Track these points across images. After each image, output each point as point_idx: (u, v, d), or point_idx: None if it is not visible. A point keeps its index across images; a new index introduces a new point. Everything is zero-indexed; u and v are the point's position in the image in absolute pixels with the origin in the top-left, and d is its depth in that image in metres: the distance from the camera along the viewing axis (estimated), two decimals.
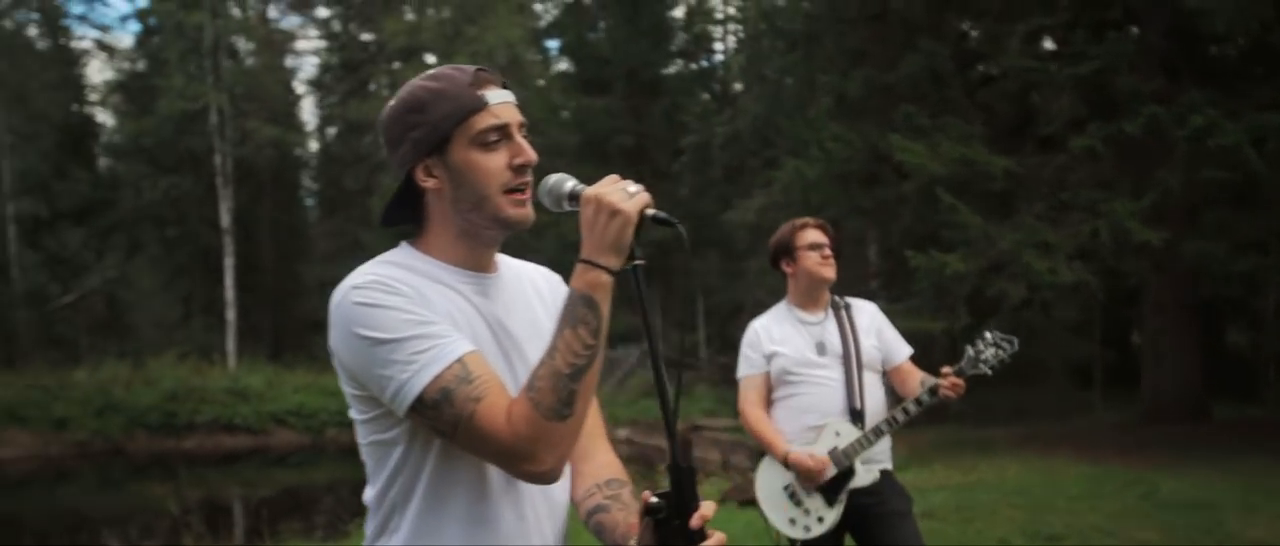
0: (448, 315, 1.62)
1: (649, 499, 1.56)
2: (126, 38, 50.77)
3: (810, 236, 3.91)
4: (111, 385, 23.82)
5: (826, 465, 3.75)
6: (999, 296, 12.27)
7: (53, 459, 21.96)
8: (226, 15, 30.94)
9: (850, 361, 3.89)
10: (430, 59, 31.92)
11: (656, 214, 1.57)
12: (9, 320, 30.03)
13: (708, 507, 1.55)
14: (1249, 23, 11.24)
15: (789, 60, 18.58)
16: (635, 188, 1.57)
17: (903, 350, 4.04)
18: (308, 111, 39.17)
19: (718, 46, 32.80)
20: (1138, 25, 13.16)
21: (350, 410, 1.67)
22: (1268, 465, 9.99)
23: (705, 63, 31.64)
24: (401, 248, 1.73)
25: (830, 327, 3.93)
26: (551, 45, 32.74)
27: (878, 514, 3.80)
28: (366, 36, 34.43)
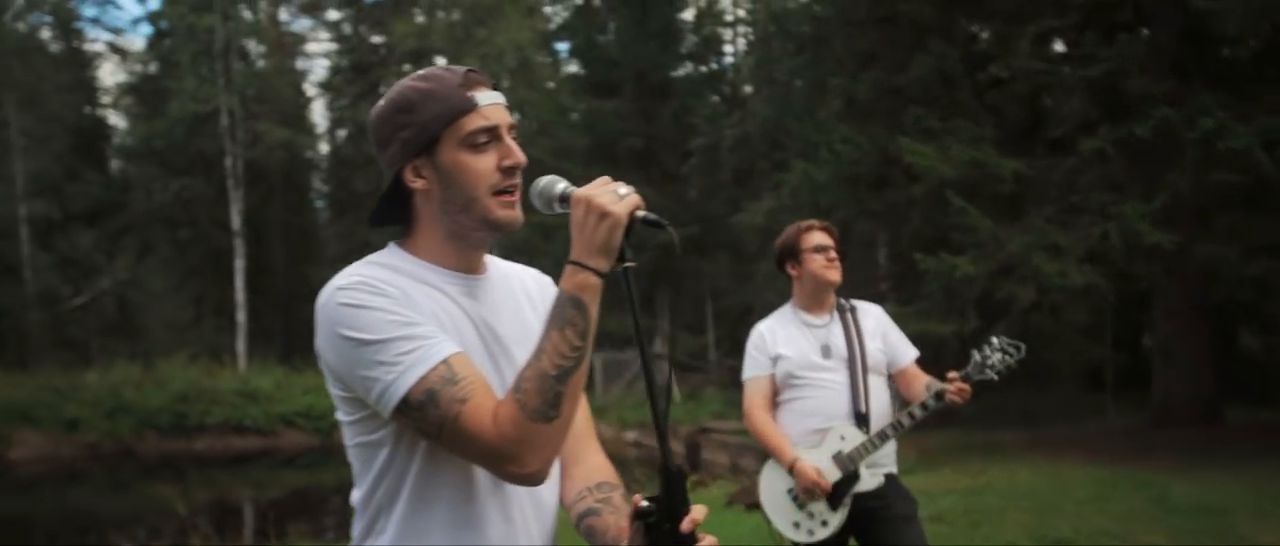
0: (433, 317, 1.61)
1: (639, 502, 1.55)
2: (138, 40, 50.95)
3: (815, 239, 3.89)
4: (122, 386, 23.95)
5: (827, 487, 3.74)
6: (1008, 299, 12.22)
7: (64, 460, 22.08)
8: (238, 18, 31.10)
9: (855, 364, 3.87)
10: (440, 61, 31.99)
11: (647, 216, 1.56)
12: (21, 321, 30.20)
13: (699, 511, 1.54)
14: (1261, 25, 11.18)
15: (798, 62, 18.54)
16: (625, 189, 1.56)
17: (908, 353, 4.02)
18: (318, 114, 39.28)
19: (727, 49, 32.83)
20: (1149, 27, 13.10)
21: (337, 412, 1.67)
22: None
23: (715, 65, 31.62)
24: (389, 249, 1.73)
25: (835, 330, 3.91)
26: (561, 47, 32.78)
27: (883, 517, 3.79)
28: (377, 39, 34.53)
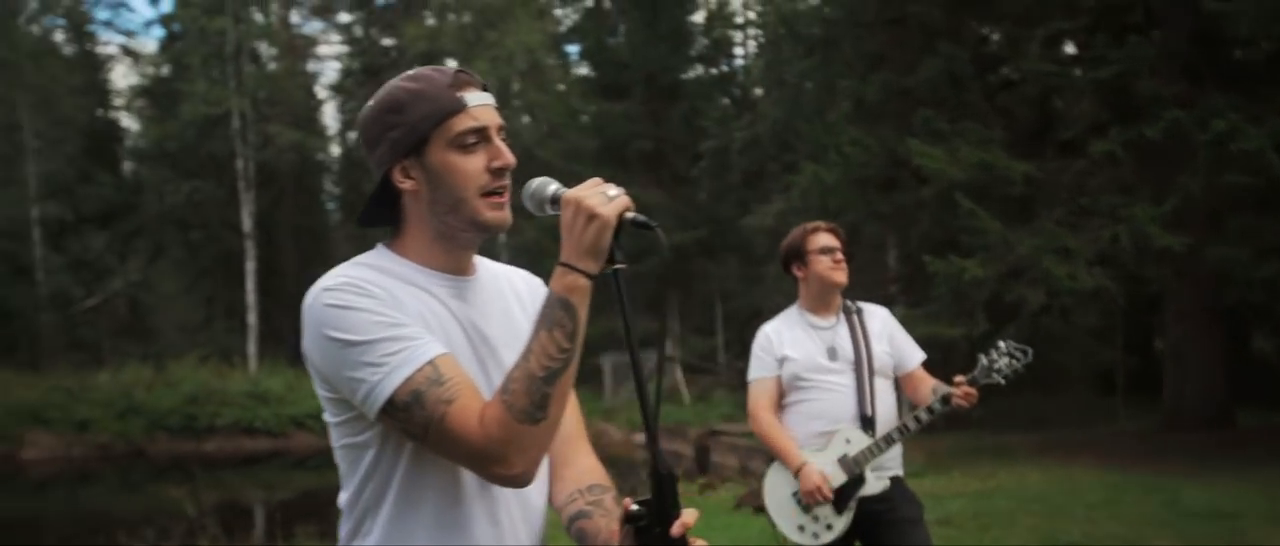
0: (420, 318, 1.60)
1: (630, 506, 1.54)
2: (151, 43, 51.15)
3: (821, 240, 3.87)
4: (133, 388, 24.02)
5: (828, 496, 3.72)
6: (1018, 302, 12.17)
7: (75, 460, 22.15)
8: (249, 21, 31.16)
9: (861, 367, 3.85)
10: (451, 64, 32.01)
11: (636, 217, 1.55)
12: (34, 322, 30.34)
13: (690, 515, 1.53)
14: (1273, 27, 11.12)
15: (807, 65, 18.52)
16: (615, 191, 1.55)
17: (915, 356, 4.00)
18: (329, 116, 39.33)
19: (738, 51, 32.81)
20: (1160, 29, 13.04)
21: (324, 413, 1.66)
22: None
23: (725, 67, 31.60)
24: (377, 250, 1.71)
25: (842, 332, 3.89)
26: (571, 50, 32.81)
27: (889, 520, 3.77)
28: (388, 41, 34.58)
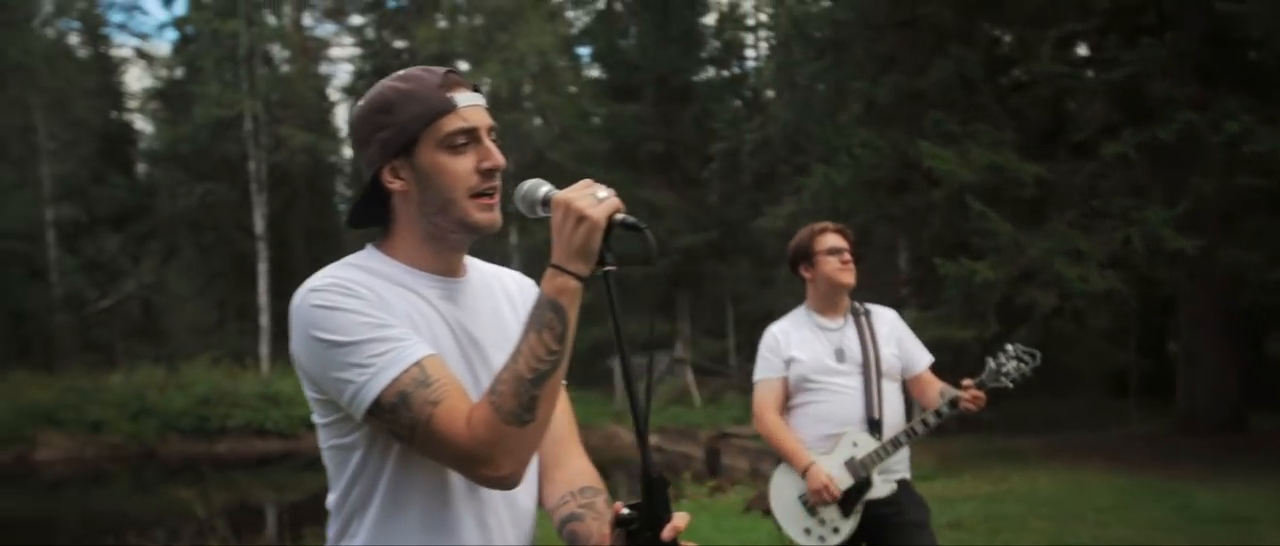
0: (407, 319, 1.59)
1: (620, 510, 1.54)
2: (164, 46, 51.42)
3: (829, 241, 3.86)
4: (146, 389, 24.13)
5: (836, 494, 3.70)
6: (1029, 304, 12.12)
7: (88, 461, 22.27)
8: (262, 23, 31.26)
9: (869, 369, 3.83)
10: (463, 66, 32.12)
11: (626, 219, 1.54)
12: (47, 324, 30.52)
13: (681, 519, 1.53)
14: None
15: (818, 67, 18.49)
16: (605, 192, 1.54)
17: (923, 359, 3.98)
18: (342, 118, 39.44)
19: (749, 53, 32.78)
20: (1172, 30, 12.97)
21: (313, 414, 1.66)
22: None
23: (736, 69, 31.58)
24: (366, 250, 1.71)
25: (850, 334, 3.88)
26: (582, 52, 32.81)
27: (895, 524, 3.76)
28: (399, 44, 34.65)
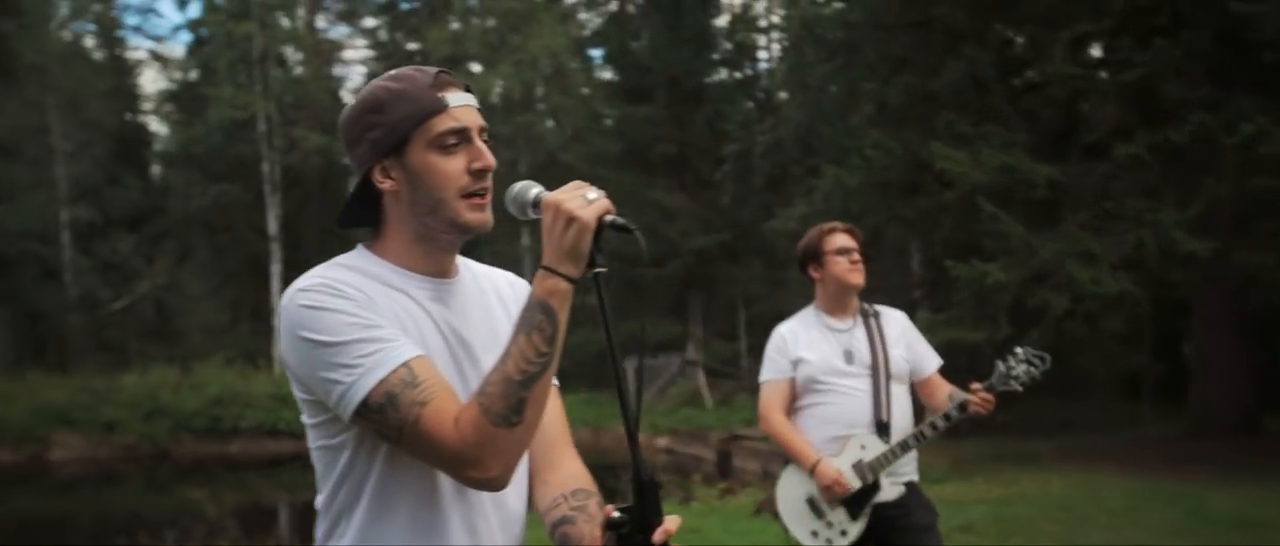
0: (395, 319, 1.59)
1: (611, 513, 1.53)
2: (179, 48, 51.65)
3: (838, 241, 3.85)
4: (159, 389, 24.21)
5: (847, 487, 3.69)
6: (1041, 307, 12.07)
7: (102, 461, 22.37)
8: (275, 25, 31.34)
9: (878, 372, 3.82)
10: (475, 68, 32.14)
11: (616, 220, 1.54)
12: (62, 324, 30.69)
13: (672, 522, 1.52)
14: None
15: (830, 68, 18.46)
16: (595, 194, 1.54)
17: (932, 362, 3.97)
18: None
19: (762, 55, 32.73)
20: (1186, 31, 12.90)
21: (302, 415, 1.66)
22: None
23: (748, 71, 31.54)
24: (357, 251, 1.71)
25: (859, 336, 3.86)
26: (595, 54, 32.81)
27: (903, 526, 3.74)
28: (412, 46, 34.72)
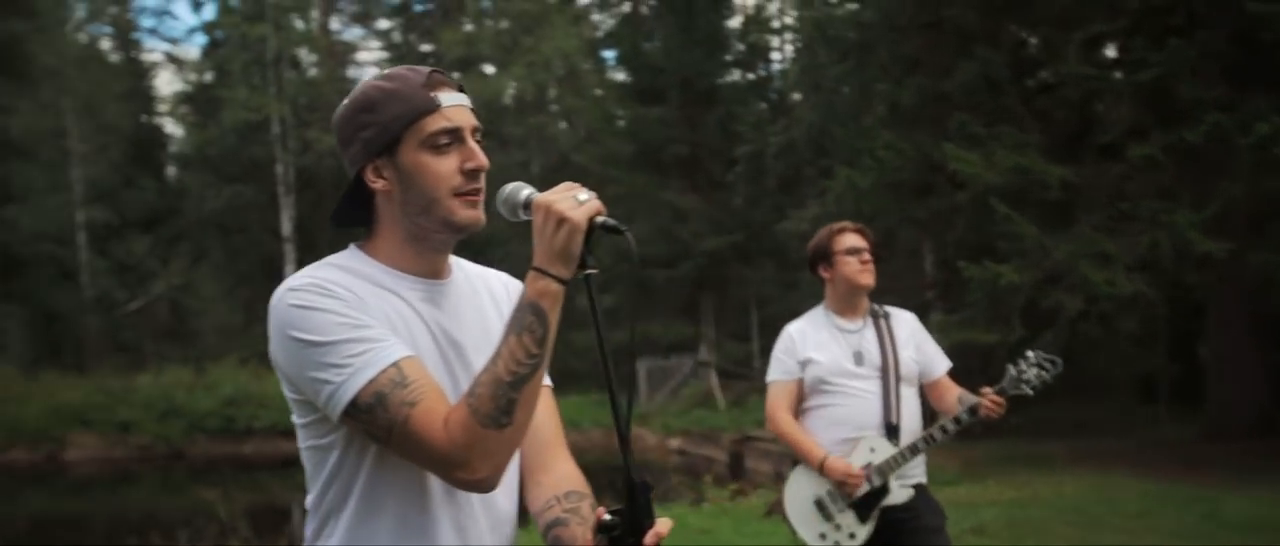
0: (385, 320, 1.58)
1: (602, 515, 1.52)
2: (194, 50, 51.91)
3: (848, 241, 3.82)
4: (174, 389, 24.35)
5: (861, 476, 3.67)
6: (1055, 308, 12.02)
7: (117, 461, 22.51)
8: (289, 27, 31.47)
9: (888, 373, 3.79)
10: (488, 69, 32.22)
11: (607, 221, 1.53)
12: (78, 325, 30.88)
13: (663, 525, 1.51)
14: None
15: (842, 69, 18.42)
16: (586, 195, 1.53)
17: (941, 364, 3.95)
18: None
19: (775, 56, 32.68)
20: (1201, 31, 12.83)
21: (292, 415, 1.65)
22: None
23: (761, 72, 31.50)
24: (349, 250, 1.70)
25: (869, 337, 3.84)
26: (607, 55, 32.84)
27: (912, 528, 3.72)
28: (426, 47, 34.81)
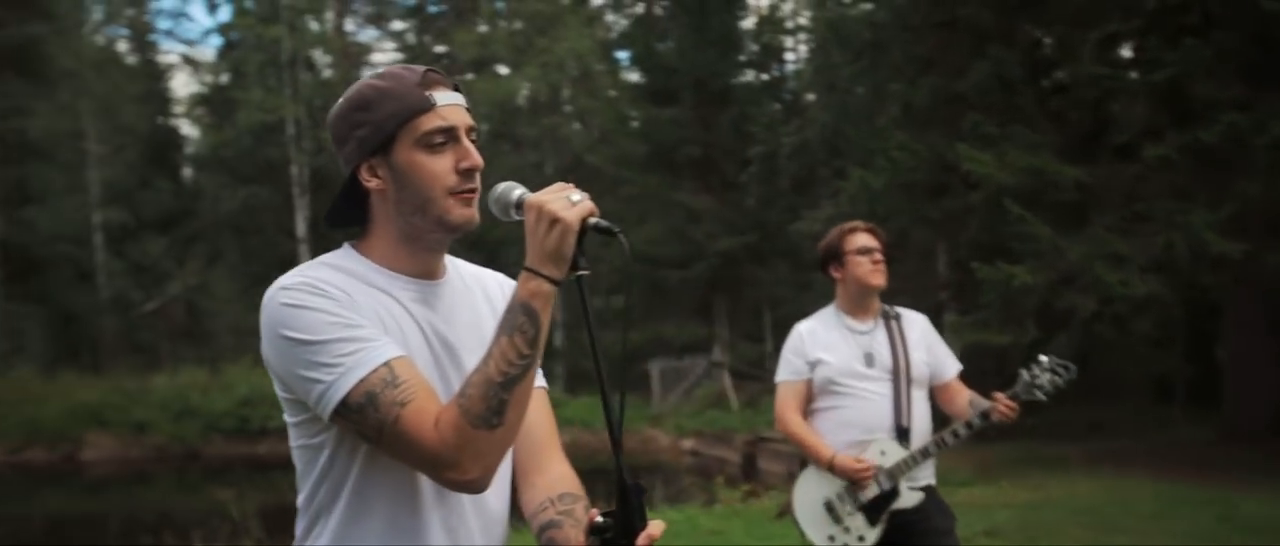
0: (377, 319, 1.58)
1: (594, 517, 1.52)
2: (210, 52, 52.21)
3: (860, 241, 3.80)
4: (189, 390, 24.47)
5: (872, 467, 3.66)
6: (1069, 309, 11.95)
7: (133, 461, 22.64)
8: (304, 29, 31.55)
9: (899, 376, 3.77)
10: (502, 70, 32.26)
11: (599, 223, 1.53)
12: (95, 326, 31.05)
13: (656, 527, 1.50)
14: None
15: (855, 69, 18.38)
16: (578, 195, 1.53)
17: (952, 367, 3.93)
18: None
19: (789, 56, 32.61)
20: (1217, 31, 12.74)
21: (284, 414, 1.65)
22: None
23: (775, 72, 31.44)
24: (343, 249, 1.70)
25: (880, 338, 3.82)
26: (621, 56, 32.84)
27: (922, 529, 3.71)
28: (440, 48, 34.86)
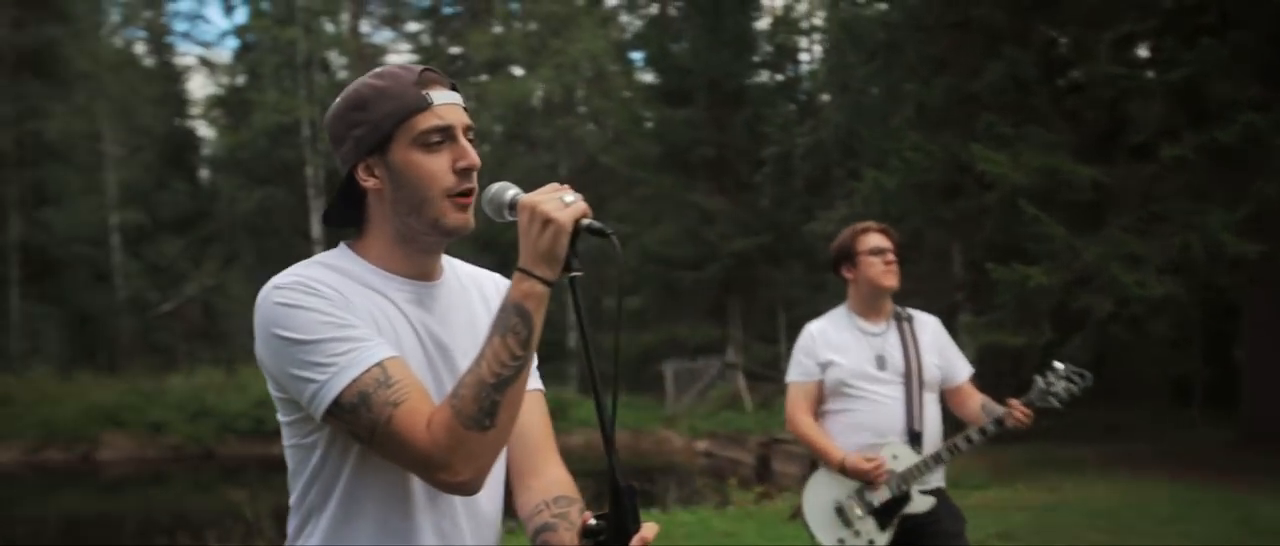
0: (371, 320, 1.58)
1: (588, 520, 1.51)
2: (226, 54, 52.50)
3: (872, 241, 3.77)
4: (205, 390, 24.59)
5: (882, 463, 3.63)
6: (1085, 311, 11.88)
7: (149, 461, 22.77)
8: (320, 31, 31.67)
9: (911, 379, 3.74)
10: (516, 71, 32.32)
11: (592, 224, 1.52)
12: (111, 326, 31.23)
13: (649, 529, 1.50)
14: None
15: (869, 70, 18.33)
16: (572, 196, 1.52)
17: (964, 370, 3.91)
18: None
19: (803, 57, 32.55)
20: (1234, 30, 12.65)
21: (277, 413, 1.66)
22: None
23: (789, 73, 31.40)
24: (339, 249, 1.70)
25: (892, 340, 3.80)
26: (635, 57, 32.85)
27: (932, 532, 3.69)
28: (455, 50, 34.95)
